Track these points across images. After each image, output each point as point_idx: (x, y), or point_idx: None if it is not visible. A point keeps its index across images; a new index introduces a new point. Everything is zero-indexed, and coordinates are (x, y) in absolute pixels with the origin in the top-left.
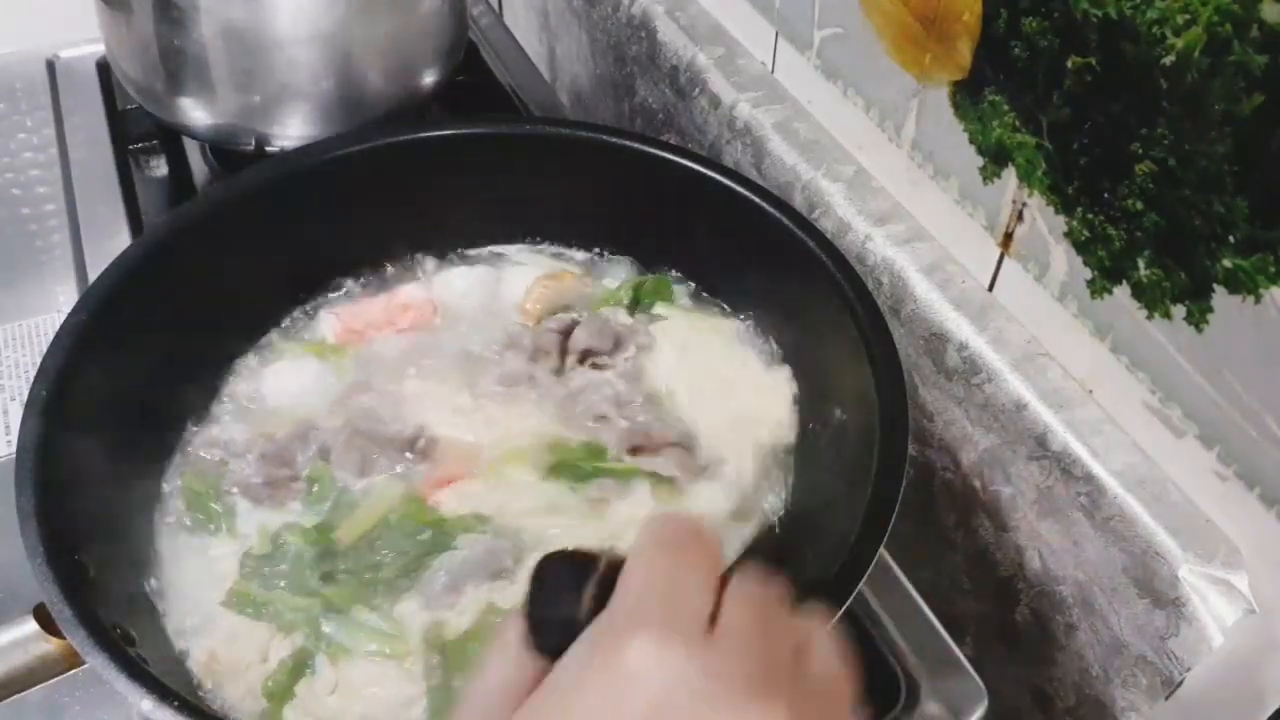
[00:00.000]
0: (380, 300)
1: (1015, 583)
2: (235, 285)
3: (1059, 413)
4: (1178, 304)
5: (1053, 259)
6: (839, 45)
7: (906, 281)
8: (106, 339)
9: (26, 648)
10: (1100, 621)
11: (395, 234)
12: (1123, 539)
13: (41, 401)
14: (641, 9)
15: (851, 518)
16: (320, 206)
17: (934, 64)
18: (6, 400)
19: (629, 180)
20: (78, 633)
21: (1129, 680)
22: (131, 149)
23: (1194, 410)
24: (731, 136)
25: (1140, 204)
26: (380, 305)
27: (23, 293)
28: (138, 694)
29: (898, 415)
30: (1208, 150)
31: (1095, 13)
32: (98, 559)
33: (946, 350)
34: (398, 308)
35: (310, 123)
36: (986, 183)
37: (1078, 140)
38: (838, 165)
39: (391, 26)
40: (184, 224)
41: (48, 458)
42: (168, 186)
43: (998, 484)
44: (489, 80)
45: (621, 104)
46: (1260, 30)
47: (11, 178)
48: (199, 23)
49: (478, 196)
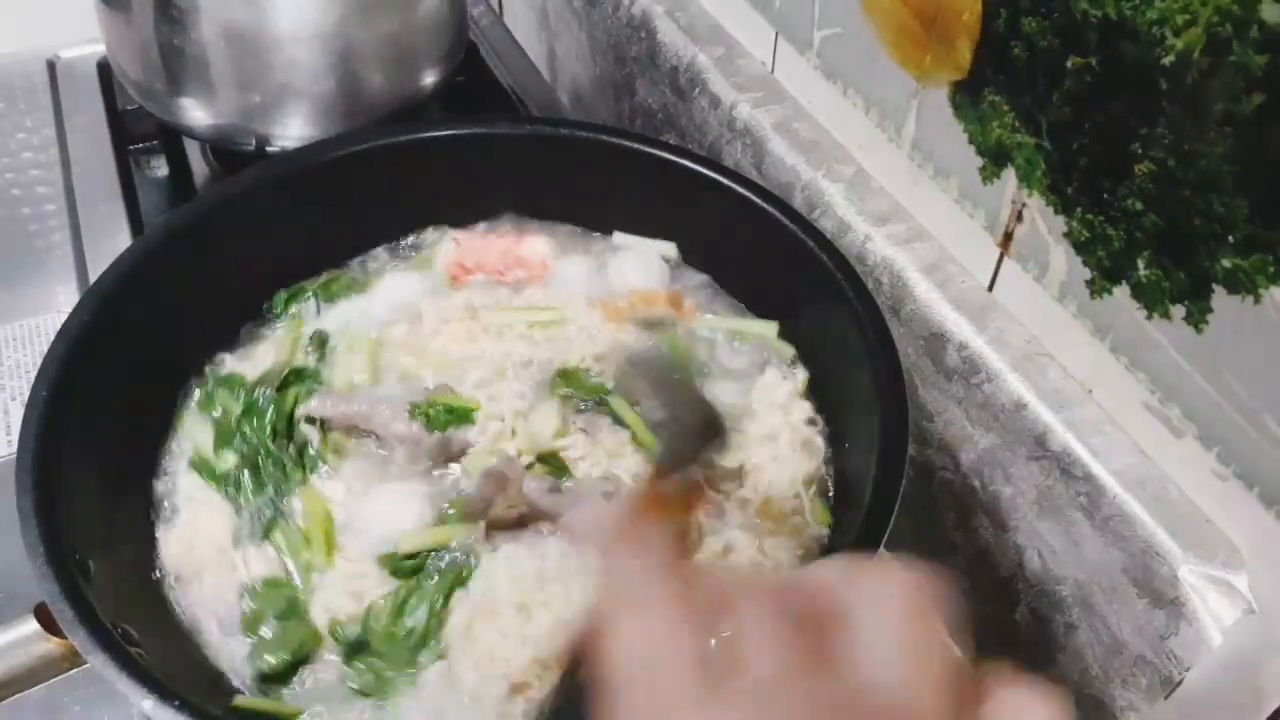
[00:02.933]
0: (502, 243)
1: (1015, 583)
2: (235, 285)
3: (1059, 413)
4: (1177, 304)
5: (1052, 259)
6: (839, 45)
7: (906, 281)
8: (106, 339)
9: (27, 647)
10: (1100, 621)
11: (395, 234)
12: (1122, 539)
13: (41, 401)
14: (641, 9)
15: (852, 517)
16: (320, 206)
17: (934, 64)
18: (6, 400)
19: (628, 181)
20: (78, 632)
21: (1129, 680)
22: (132, 149)
23: (1193, 410)
24: (731, 136)
25: (1140, 204)
26: (500, 248)
27: (23, 293)
28: (138, 694)
29: (898, 415)
30: (1207, 150)
31: (1095, 13)
32: (98, 559)
33: (946, 350)
34: (514, 258)
35: (310, 123)
36: (986, 183)
37: (1077, 140)
38: (838, 165)
39: (391, 26)
40: (184, 224)
41: (48, 458)
42: (168, 186)
43: (997, 484)
44: (489, 80)
45: (621, 104)
46: (1260, 30)
47: (11, 178)
48: (199, 23)
49: (477, 197)
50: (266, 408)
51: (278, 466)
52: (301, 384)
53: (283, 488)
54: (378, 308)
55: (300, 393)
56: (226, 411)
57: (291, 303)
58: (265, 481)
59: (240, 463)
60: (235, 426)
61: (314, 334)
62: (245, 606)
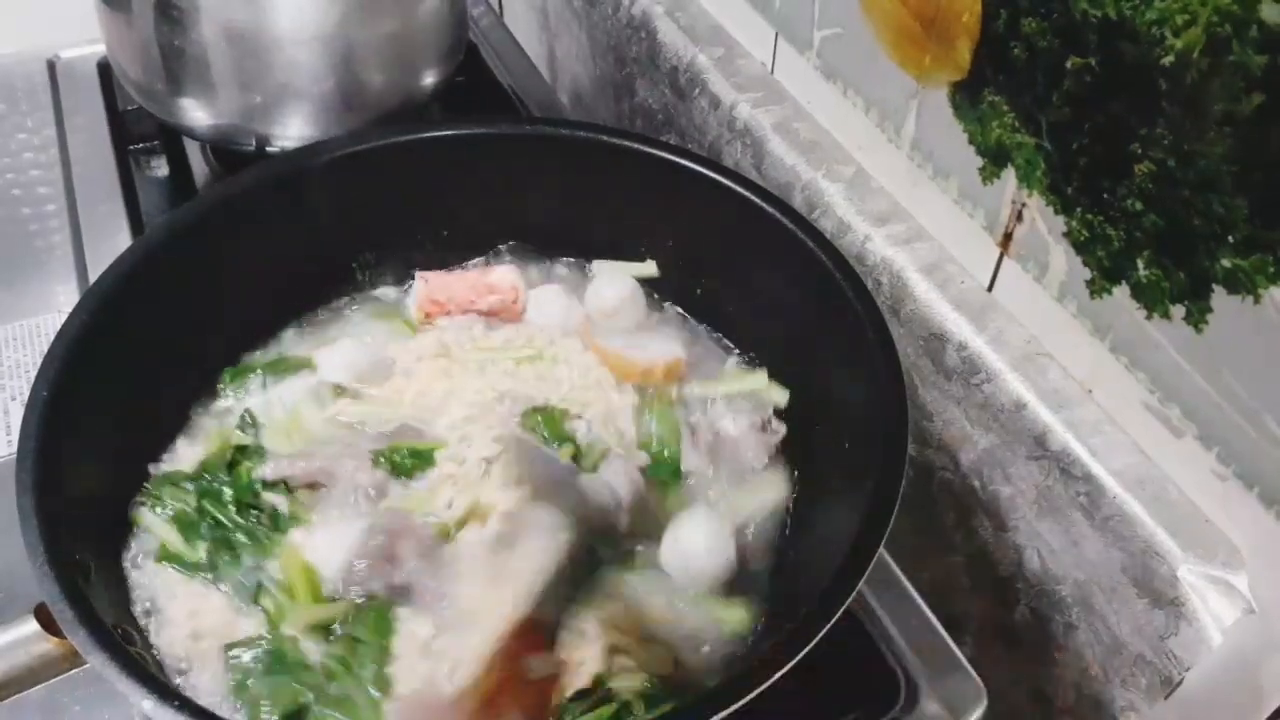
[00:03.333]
0: (470, 276)
1: (1014, 582)
2: (235, 285)
3: (1058, 413)
4: (1177, 304)
5: (1052, 259)
6: (839, 46)
7: (906, 281)
8: (107, 339)
9: (27, 647)
10: (1100, 621)
11: (394, 234)
12: (1122, 539)
13: (42, 401)
14: (641, 9)
15: (851, 518)
16: (320, 207)
17: (933, 64)
18: (6, 400)
19: (628, 181)
20: (78, 632)
21: (1128, 680)
22: (132, 149)
23: (1193, 410)
24: (731, 137)
25: (1140, 204)
26: (469, 281)
27: (23, 293)
28: (138, 694)
29: (898, 415)
30: (1207, 150)
31: (1095, 13)
32: (98, 559)
33: (946, 350)
34: (484, 286)
35: (310, 123)
36: (986, 183)
37: (1077, 140)
38: (837, 165)
39: (391, 27)
40: (184, 224)
41: (48, 458)
42: (168, 186)
43: (997, 484)
44: (489, 80)
45: (621, 104)
46: (1260, 30)
47: (12, 178)
48: (199, 23)
49: (477, 197)
50: (221, 489)
51: (250, 537)
52: (248, 459)
53: (261, 553)
54: (341, 361)
55: (251, 467)
56: (181, 506)
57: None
58: (240, 555)
59: (214, 546)
60: (198, 516)
61: (244, 413)
62: (229, 677)
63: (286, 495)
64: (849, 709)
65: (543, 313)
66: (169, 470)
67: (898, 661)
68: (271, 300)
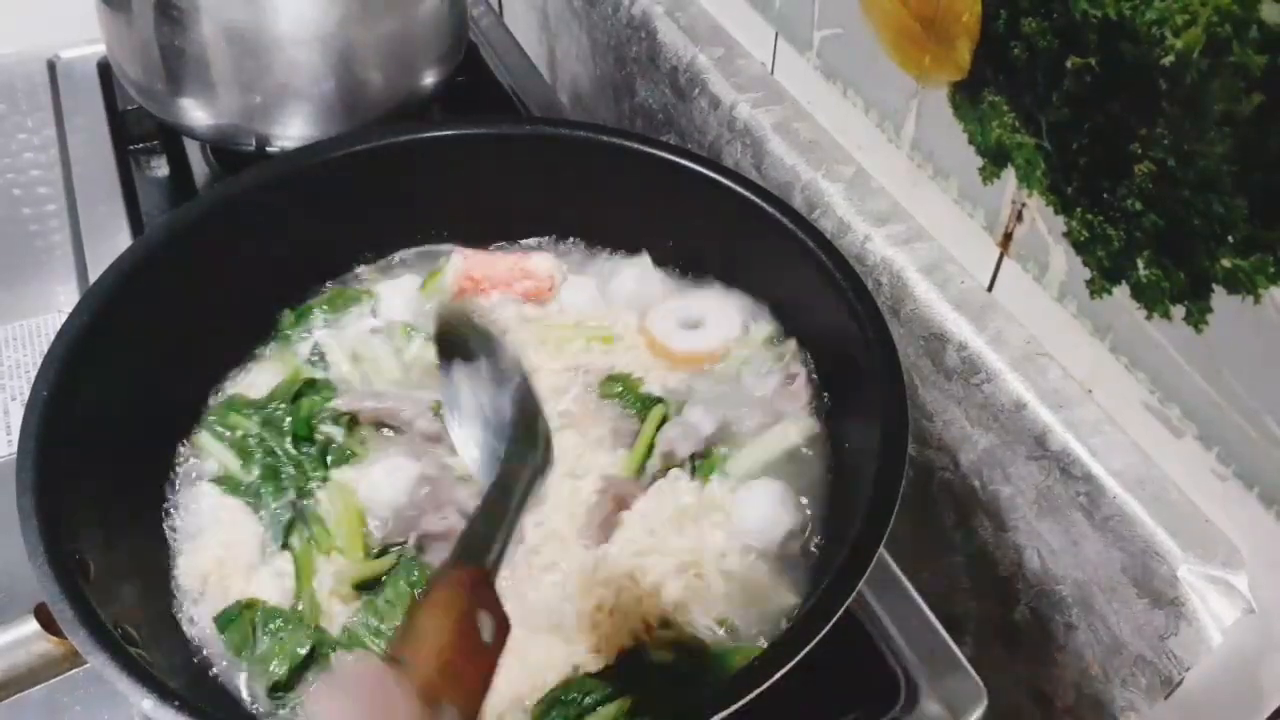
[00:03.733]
0: (510, 258)
1: (1014, 582)
2: (235, 285)
3: (1058, 413)
4: (1177, 304)
5: (1052, 259)
6: (839, 46)
7: (906, 281)
8: (107, 339)
9: (27, 647)
10: (1100, 621)
11: (394, 234)
12: (1122, 539)
13: (41, 401)
14: (641, 9)
15: (851, 518)
16: (320, 207)
17: (933, 64)
18: (6, 400)
19: (628, 181)
20: (78, 633)
21: (1128, 680)
22: (132, 149)
23: (1193, 410)
24: (731, 137)
25: (1140, 204)
26: (508, 263)
27: (23, 293)
28: (138, 694)
29: (898, 415)
30: (1207, 150)
31: (1095, 13)
32: (98, 559)
33: (946, 350)
34: (521, 270)
35: (310, 123)
36: (986, 183)
37: (1077, 140)
38: (837, 165)
39: (391, 27)
40: (184, 224)
41: (48, 458)
42: (168, 186)
43: (997, 484)
44: (489, 80)
45: (621, 104)
46: (1260, 30)
47: (12, 178)
48: (199, 23)
49: (477, 197)
50: (283, 419)
51: (298, 469)
52: (317, 393)
53: (304, 489)
54: (389, 314)
55: (316, 401)
56: (243, 432)
57: (301, 320)
58: (285, 487)
59: (263, 473)
60: (256, 443)
61: (314, 347)
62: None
63: (347, 431)
64: (849, 709)
65: (574, 303)
66: (237, 393)
67: (898, 661)
68: (272, 300)
